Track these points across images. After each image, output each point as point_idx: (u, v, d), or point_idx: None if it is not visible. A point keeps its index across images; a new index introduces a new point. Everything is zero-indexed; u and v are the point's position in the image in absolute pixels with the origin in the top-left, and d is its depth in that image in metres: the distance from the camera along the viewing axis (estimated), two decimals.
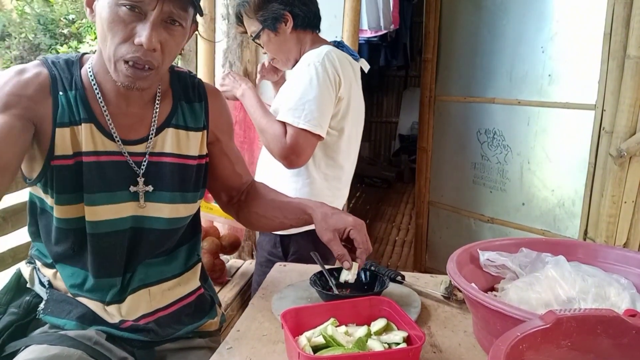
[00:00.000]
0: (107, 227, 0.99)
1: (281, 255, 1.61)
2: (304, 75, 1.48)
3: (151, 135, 1.03)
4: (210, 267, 2.03)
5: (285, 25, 1.55)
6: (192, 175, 1.08)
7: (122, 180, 1.00)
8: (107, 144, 0.99)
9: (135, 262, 1.05)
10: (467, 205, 2.83)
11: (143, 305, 1.05)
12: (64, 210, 0.97)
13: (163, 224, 1.05)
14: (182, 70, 1.13)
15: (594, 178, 2.15)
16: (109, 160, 0.99)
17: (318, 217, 1.09)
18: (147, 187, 1.02)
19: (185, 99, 1.09)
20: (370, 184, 5.86)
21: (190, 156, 1.08)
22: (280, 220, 1.18)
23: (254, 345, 0.90)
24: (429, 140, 3.09)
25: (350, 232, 1.05)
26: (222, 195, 1.24)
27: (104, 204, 0.98)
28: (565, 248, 1.03)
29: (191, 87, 1.11)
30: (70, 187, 0.96)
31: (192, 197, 1.09)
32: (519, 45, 2.42)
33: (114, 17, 0.88)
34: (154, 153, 1.03)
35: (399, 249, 3.94)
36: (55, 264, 1.03)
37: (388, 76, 6.42)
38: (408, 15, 4.93)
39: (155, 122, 1.04)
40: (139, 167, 1.01)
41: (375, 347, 0.80)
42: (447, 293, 1.09)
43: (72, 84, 0.97)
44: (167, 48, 0.93)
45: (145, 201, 1.02)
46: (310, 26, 1.60)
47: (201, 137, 1.10)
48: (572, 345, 0.66)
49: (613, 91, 2.01)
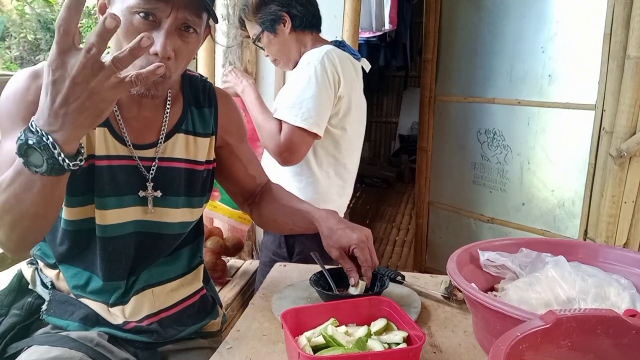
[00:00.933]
0: (115, 231, 0.99)
1: (286, 256, 1.62)
2: (303, 74, 1.49)
3: (161, 140, 1.03)
4: (212, 267, 2.03)
5: (283, 26, 1.56)
6: (200, 180, 1.09)
7: (132, 184, 1.00)
8: (119, 148, 0.99)
9: (141, 266, 1.05)
10: (467, 206, 2.83)
11: (147, 306, 1.05)
12: (74, 212, 0.97)
13: (171, 229, 1.05)
14: (194, 75, 1.12)
15: (594, 178, 2.15)
16: (120, 165, 0.99)
17: (324, 232, 1.08)
18: (155, 192, 1.02)
19: (196, 105, 1.09)
20: (370, 184, 5.86)
21: (199, 162, 1.08)
22: (290, 226, 1.19)
23: (254, 345, 0.90)
24: (429, 140, 3.09)
25: (354, 250, 1.03)
26: (238, 196, 1.25)
27: (113, 208, 0.98)
28: (565, 248, 1.03)
29: (202, 92, 1.11)
30: (82, 189, 0.96)
31: (199, 202, 1.10)
32: (519, 45, 2.42)
33: (128, 26, 0.88)
34: (164, 158, 1.03)
35: (399, 249, 3.94)
36: (59, 264, 1.02)
37: (388, 76, 6.41)
38: (408, 15, 4.93)
39: (165, 126, 1.03)
40: (148, 171, 1.01)
41: (375, 347, 0.80)
42: (447, 293, 1.09)
43: None
44: (181, 55, 0.92)
45: (153, 206, 1.02)
46: (309, 26, 1.60)
47: (209, 143, 1.10)
48: (572, 345, 0.66)
49: (613, 91, 2.01)
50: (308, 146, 1.52)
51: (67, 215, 0.97)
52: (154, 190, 1.02)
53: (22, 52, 7.80)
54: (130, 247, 1.02)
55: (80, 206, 0.97)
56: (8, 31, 6.72)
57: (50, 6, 7.46)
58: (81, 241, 1.00)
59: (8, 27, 6.59)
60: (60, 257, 1.02)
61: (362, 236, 1.04)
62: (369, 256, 1.04)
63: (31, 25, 7.76)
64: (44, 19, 7.60)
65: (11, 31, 7.11)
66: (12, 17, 7.11)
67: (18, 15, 7.29)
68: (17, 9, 7.09)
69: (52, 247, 1.02)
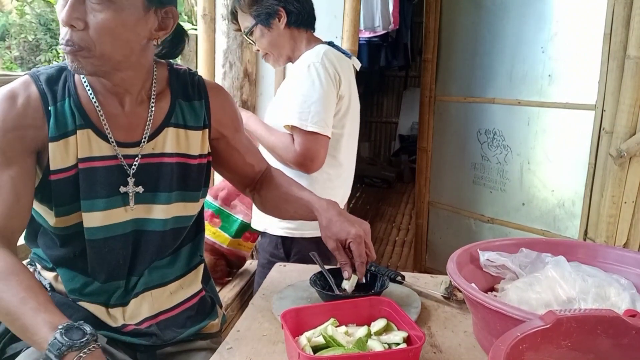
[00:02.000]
0: (105, 233, 0.99)
1: (283, 257, 1.61)
2: (306, 77, 1.48)
3: (145, 136, 1.02)
4: (212, 267, 2.03)
5: (278, 21, 1.55)
6: (193, 174, 1.08)
7: (115, 183, 0.99)
8: (103, 147, 0.97)
9: (140, 266, 1.04)
10: (467, 206, 2.82)
11: (146, 308, 1.04)
12: (62, 221, 0.97)
13: (161, 225, 1.04)
14: (181, 68, 1.11)
15: (594, 178, 2.15)
16: (105, 165, 0.98)
17: (323, 222, 1.07)
18: (136, 188, 1.01)
19: (184, 98, 1.07)
20: (370, 184, 5.86)
21: (191, 155, 1.07)
22: (291, 214, 1.19)
23: (254, 346, 0.90)
24: (429, 140, 3.09)
25: (350, 244, 1.02)
26: (238, 184, 1.26)
27: (101, 209, 0.97)
28: (565, 248, 1.03)
29: (190, 84, 1.09)
30: (68, 198, 0.95)
31: (194, 196, 1.09)
32: (519, 45, 2.42)
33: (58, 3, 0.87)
34: (154, 154, 1.02)
35: (399, 249, 3.94)
36: (56, 267, 1.02)
37: (388, 76, 6.41)
38: (408, 15, 4.92)
39: (150, 122, 1.02)
40: (130, 168, 1.00)
41: (375, 347, 0.80)
42: (447, 293, 1.09)
43: (64, 93, 0.95)
44: (97, 25, 0.87)
45: (135, 203, 1.01)
46: (304, 24, 1.59)
47: (202, 136, 1.08)
48: (572, 345, 0.66)
49: (613, 91, 2.01)
50: (325, 149, 1.51)
51: (57, 223, 0.97)
52: (135, 186, 1.00)
53: (22, 52, 7.78)
54: (126, 247, 1.01)
55: (68, 215, 0.96)
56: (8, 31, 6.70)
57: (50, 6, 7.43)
58: (74, 246, 0.99)
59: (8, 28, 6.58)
60: (56, 261, 1.01)
61: (360, 230, 1.03)
62: (364, 251, 1.02)
63: (31, 25, 7.75)
64: (44, 19, 7.59)
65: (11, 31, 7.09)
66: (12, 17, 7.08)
67: (18, 15, 7.26)
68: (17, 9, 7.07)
69: (47, 252, 1.02)
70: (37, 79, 0.94)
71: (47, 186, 0.94)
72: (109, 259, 1.00)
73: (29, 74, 0.96)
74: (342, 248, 1.04)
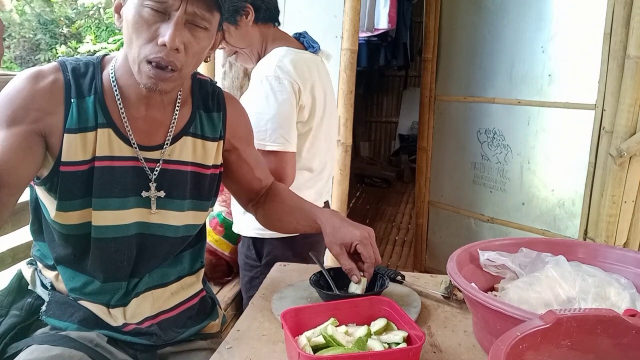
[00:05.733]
0: (114, 233, 0.99)
1: (255, 258, 1.57)
2: (258, 93, 1.42)
3: (167, 142, 1.02)
4: (212, 267, 2.03)
5: (246, 18, 1.47)
6: (206, 184, 1.09)
7: (135, 185, 1.00)
8: (124, 148, 0.98)
9: (143, 268, 1.05)
10: (467, 205, 2.83)
11: (147, 308, 1.04)
12: (69, 217, 0.96)
13: (174, 232, 1.05)
14: (204, 79, 1.12)
15: (594, 178, 2.15)
16: (124, 166, 0.98)
17: (327, 230, 1.09)
18: (158, 193, 1.02)
19: (204, 108, 1.09)
20: (370, 184, 5.86)
21: (206, 165, 1.08)
22: (294, 225, 1.19)
23: (254, 345, 0.90)
24: (429, 140, 3.09)
25: (357, 246, 1.04)
26: (243, 197, 1.25)
27: (115, 209, 0.98)
28: (565, 248, 1.03)
29: (211, 96, 1.11)
30: (79, 193, 0.95)
31: (205, 206, 1.10)
32: (519, 45, 2.42)
33: (138, 18, 0.88)
34: (171, 160, 1.03)
35: (399, 249, 3.94)
36: (57, 265, 1.02)
37: (388, 76, 6.41)
38: (408, 15, 4.92)
39: (173, 128, 1.03)
40: (152, 172, 1.01)
41: (375, 347, 0.80)
42: (447, 293, 1.09)
43: (91, 89, 0.96)
44: (190, 50, 0.92)
45: (157, 208, 1.02)
46: (271, 19, 1.53)
47: (217, 147, 1.10)
48: (572, 345, 0.66)
49: (613, 91, 2.01)
50: (292, 164, 1.45)
51: (62, 219, 0.96)
52: (157, 190, 1.01)
53: (22, 51, 7.80)
54: (132, 249, 1.01)
55: (76, 210, 0.96)
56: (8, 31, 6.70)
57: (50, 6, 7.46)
58: (78, 245, 0.99)
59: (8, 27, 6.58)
60: (58, 258, 1.02)
61: (365, 233, 1.06)
62: (372, 252, 1.05)
63: (31, 25, 7.76)
64: (43, 19, 7.60)
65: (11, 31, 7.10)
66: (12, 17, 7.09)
67: (18, 15, 7.27)
68: (17, 8, 7.07)
69: (51, 247, 1.02)
70: (65, 68, 0.96)
71: (55, 175, 0.94)
72: (114, 259, 1.00)
73: (58, 62, 0.98)
74: (347, 253, 1.05)
